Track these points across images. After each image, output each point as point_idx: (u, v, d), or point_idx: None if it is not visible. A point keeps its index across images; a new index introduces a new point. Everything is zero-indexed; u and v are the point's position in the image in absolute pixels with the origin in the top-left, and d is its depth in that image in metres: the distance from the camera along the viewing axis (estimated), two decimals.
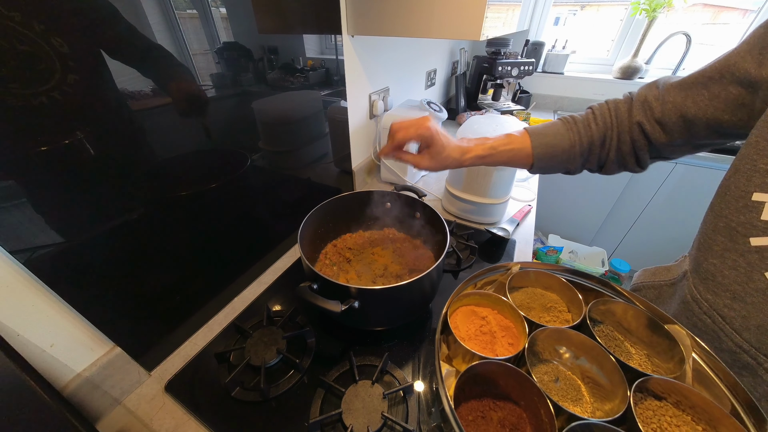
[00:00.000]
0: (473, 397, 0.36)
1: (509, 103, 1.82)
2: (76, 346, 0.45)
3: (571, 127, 0.52)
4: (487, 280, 0.46)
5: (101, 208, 0.43)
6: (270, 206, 0.74)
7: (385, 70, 1.06)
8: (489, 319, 0.41)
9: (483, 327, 0.40)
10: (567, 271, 0.45)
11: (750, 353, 0.34)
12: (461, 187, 0.90)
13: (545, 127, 0.54)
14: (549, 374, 0.37)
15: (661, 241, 1.74)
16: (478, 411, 0.35)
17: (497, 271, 0.46)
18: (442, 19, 0.72)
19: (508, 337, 0.38)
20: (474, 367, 0.33)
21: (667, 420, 0.30)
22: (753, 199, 0.33)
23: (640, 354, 0.37)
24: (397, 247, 0.74)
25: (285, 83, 0.69)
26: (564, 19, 2.08)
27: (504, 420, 0.34)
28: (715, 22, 1.77)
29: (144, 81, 0.43)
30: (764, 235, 0.32)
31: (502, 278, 0.46)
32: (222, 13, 0.52)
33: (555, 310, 0.43)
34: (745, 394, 0.29)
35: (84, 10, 0.36)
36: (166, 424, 0.49)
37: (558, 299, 0.44)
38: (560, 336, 0.37)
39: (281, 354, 0.55)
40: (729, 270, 0.35)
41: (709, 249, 0.38)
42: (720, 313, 0.37)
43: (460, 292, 0.41)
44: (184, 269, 0.58)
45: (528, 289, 0.47)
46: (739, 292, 0.34)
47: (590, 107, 0.55)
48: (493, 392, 0.36)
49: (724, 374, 0.31)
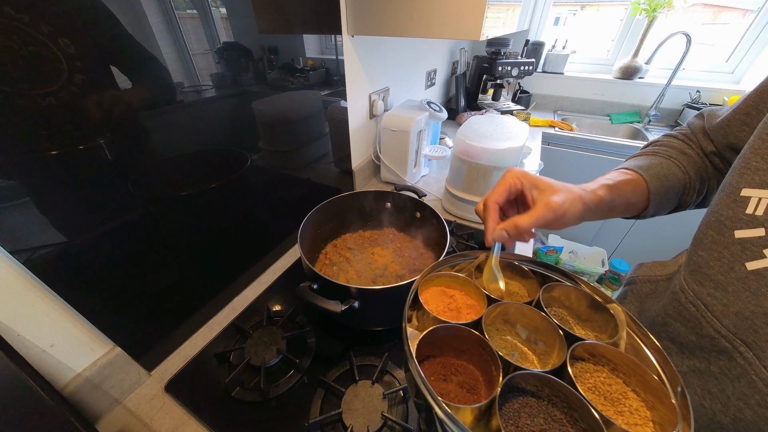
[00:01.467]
0: (435, 361, 0.40)
1: (509, 103, 1.83)
2: (76, 346, 0.45)
3: (665, 153, 0.50)
4: (458, 267, 0.48)
5: (102, 208, 0.43)
6: (270, 206, 0.74)
7: (385, 70, 1.06)
8: (456, 297, 0.44)
9: (450, 305, 0.43)
10: (529, 261, 0.47)
11: (728, 338, 0.36)
12: (461, 187, 0.90)
13: (637, 160, 0.50)
14: (507, 349, 0.40)
15: (662, 241, 1.73)
16: (440, 374, 0.39)
17: (465, 258, 0.48)
18: (442, 19, 0.72)
19: (472, 314, 0.41)
20: (436, 330, 0.37)
21: (601, 380, 0.34)
22: (741, 195, 0.35)
23: (585, 331, 0.41)
24: (397, 247, 0.74)
25: (285, 83, 0.69)
26: (564, 19, 2.08)
27: (462, 383, 0.38)
28: (715, 22, 1.77)
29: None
30: (747, 227, 0.34)
31: (469, 266, 0.48)
32: (222, 13, 0.52)
33: (517, 295, 0.46)
34: (669, 364, 0.32)
35: (89, 12, 0.36)
36: (166, 424, 0.49)
37: (519, 286, 0.47)
38: (516, 311, 0.41)
39: (281, 354, 0.55)
40: (714, 261, 0.38)
41: (700, 242, 0.40)
42: (703, 301, 0.39)
43: (430, 272, 0.44)
44: (184, 269, 0.58)
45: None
46: (721, 282, 0.37)
47: (653, 143, 0.53)
48: (455, 359, 0.40)
49: (654, 347, 0.34)
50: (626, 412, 0.31)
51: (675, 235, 1.67)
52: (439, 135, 1.30)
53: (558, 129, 1.74)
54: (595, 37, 2.04)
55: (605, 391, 0.33)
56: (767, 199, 0.33)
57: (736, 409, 0.36)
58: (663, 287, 0.51)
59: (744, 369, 0.35)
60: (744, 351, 0.35)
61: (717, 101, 1.69)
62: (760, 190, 0.33)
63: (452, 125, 1.68)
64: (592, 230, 1.91)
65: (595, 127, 2.00)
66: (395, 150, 1.02)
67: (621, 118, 1.93)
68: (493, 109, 1.69)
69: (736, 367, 0.36)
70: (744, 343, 0.35)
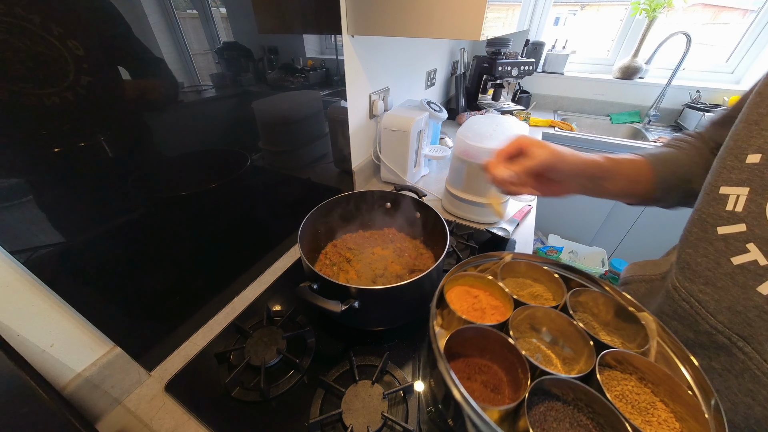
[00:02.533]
0: (459, 360, 0.40)
1: (509, 103, 1.82)
2: (76, 346, 0.45)
3: (670, 145, 0.51)
4: (482, 267, 0.49)
5: (102, 208, 0.43)
6: (270, 206, 0.74)
7: (385, 70, 1.06)
8: (480, 298, 0.44)
9: (475, 304, 0.43)
10: (556, 264, 0.47)
11: (724, 333, 0.37)
12: (461, 187, 0.90)
13: (642, 152, 0.52)
14: (530, 351, 0.40)
15: (662, 241, 1.73)
16: (464, 372, 0.39)
17: (490, 259, 0.48)
18: (442, 19, 0.72)
19: (497, 315, 0.41)
20: (463, 330, 0.37)
21: (629, 388, 0.34)
22: (720, 192, 0.36)
23: (611, 337, 0.41)
24: (397, 247, 0.74)
25: (285, 83, 0.69)
26: (564, 19, 2.08)
27: (486, 382, 0.38)
28: (715, 22, 1.77)
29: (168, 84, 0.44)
30: (728, 223, 0.35)
31: (494, 267, 0.48)
32: (222, 13, 0.52)
33: (541, 298, 0.45)
34: (702, 376, 0.32)
35: (100, 15, 0.36)
36: (166, 424, 0.49)
37: (545, 290, 0.47)
38: (543, 315, 0.41)
39: (281, 354, 0.55)
40: (701, 258, 0.39)
41: (686, 240, 0.41)
42: (696, 298, 0.40)
43: (455, 273, 0.45)
44: (185, 269, 0.58)
45: (518, 279, 0.50)
46: (710, 278, 0.38)
47: (665, 144, 0.53)
48: (479, 358, 0.40)
49: (685, 357, 0.34)
50: (654, 422, 0.31)
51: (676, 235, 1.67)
52: (439, 135, 1.30)
53: (558, 129, 1.74)
54: (595, 37, 2.04)
55: (633, 399, 0.33)
56: (745, 196, 0.34)
57: (745, 406, 0.36)
58: (658, 286, 0.52)
59: (746, 364, 0.35)
60: (742, 345, 0.35)
61: (717, 101, 1.69)
62: (737, 188, 0.35)
63: (452, 125, 1.68)
64: (592, 230, 1.91)
65: (595, 127, 2.00)
66: (395, 150, 1.02)
67: (621, 118, 1.93)
68: (493, 109, 1.69)
69: (737, 362, 0.36)
70: (741, 338, 0.35)
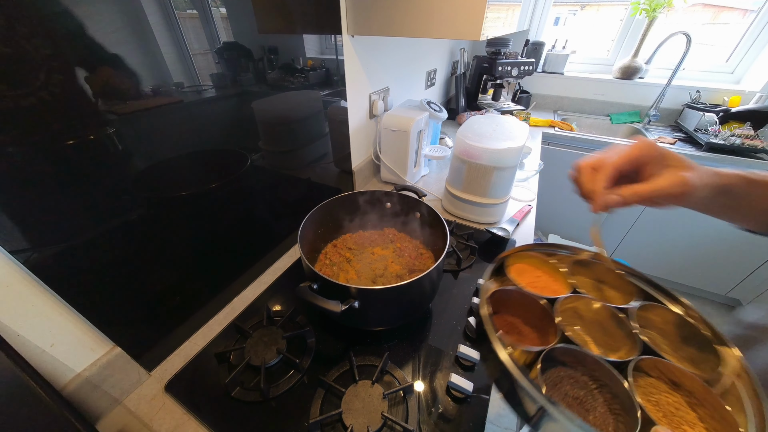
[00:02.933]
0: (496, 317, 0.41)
1: (509, 103, 1.82)
2: (76, 346, 0.45)
3: None
4: (554, 257, 0.46)
5: (102, 208, 0.43)
6: (270, 206, 0.74)
7: (385, 70, 1.06)
8: (542, 278, 0.44)
9: (535, 282, 0.43)
10: (639, 278, 0.43)
11: None
12: (461, 187, 0.90)
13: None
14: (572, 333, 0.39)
15: (662, 242, 1.73)
16: (505, 326, 0.41)
17: (563, 251, 0.46)
18: (442, 19, 0.72)
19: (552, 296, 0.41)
20: (511, 291, 0.39)
21: (668, 401, 0.32)
22: None
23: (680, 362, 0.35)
24: (397, 247, 0.74)
25: (285, 83, 0.69)
26: (564, 19, 2.08)
27: (523, 338, 0.40)
28: (715, 22, 1.77)
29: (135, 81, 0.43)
30: None
31: (567, 259, 0.46)
32: (222, 13, 0.52)
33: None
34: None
35: (57, 13, 0.36)
36: (166, 424, 0.49)
37: (617, 297, 0.42)
38: (600, 313, 0.39)
39: (281, 354, 0.55)
40: None
41: None
42: None
43: (523, 250, 0.45)
44: (184, 269, 0.58)
45: (584, 279, 0.46)
46: None
47: None
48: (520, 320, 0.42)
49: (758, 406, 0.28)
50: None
51: (676, 235, 1.68)
52: (439, 135, 1.30)
53: (558, 129, 1.74)
54: (595, 37, 2.04)
55: (668, 411, 0.31)
56: None
57: None
58: None
59: None
60: None
61: (717, 101, 1.69)
62: None
63: (452, 125, 1.68)
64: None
65: (595, 127, 2.00)
66: (395, 150, 1.02)
67: (621, 118, 1.93)
68: (493, 109, 1.69)
69: None
70: None
